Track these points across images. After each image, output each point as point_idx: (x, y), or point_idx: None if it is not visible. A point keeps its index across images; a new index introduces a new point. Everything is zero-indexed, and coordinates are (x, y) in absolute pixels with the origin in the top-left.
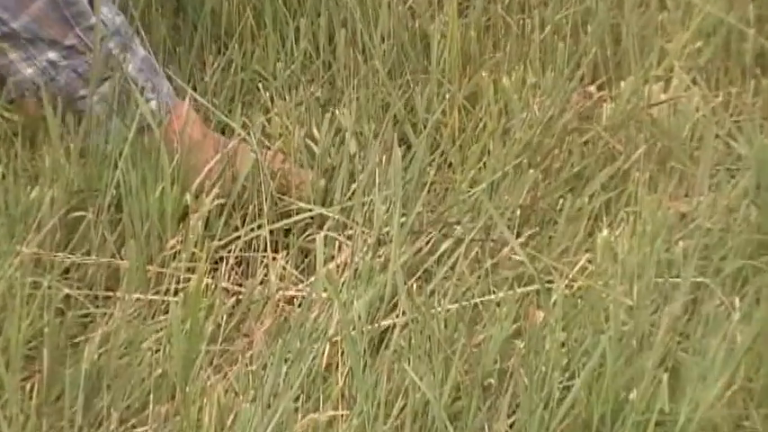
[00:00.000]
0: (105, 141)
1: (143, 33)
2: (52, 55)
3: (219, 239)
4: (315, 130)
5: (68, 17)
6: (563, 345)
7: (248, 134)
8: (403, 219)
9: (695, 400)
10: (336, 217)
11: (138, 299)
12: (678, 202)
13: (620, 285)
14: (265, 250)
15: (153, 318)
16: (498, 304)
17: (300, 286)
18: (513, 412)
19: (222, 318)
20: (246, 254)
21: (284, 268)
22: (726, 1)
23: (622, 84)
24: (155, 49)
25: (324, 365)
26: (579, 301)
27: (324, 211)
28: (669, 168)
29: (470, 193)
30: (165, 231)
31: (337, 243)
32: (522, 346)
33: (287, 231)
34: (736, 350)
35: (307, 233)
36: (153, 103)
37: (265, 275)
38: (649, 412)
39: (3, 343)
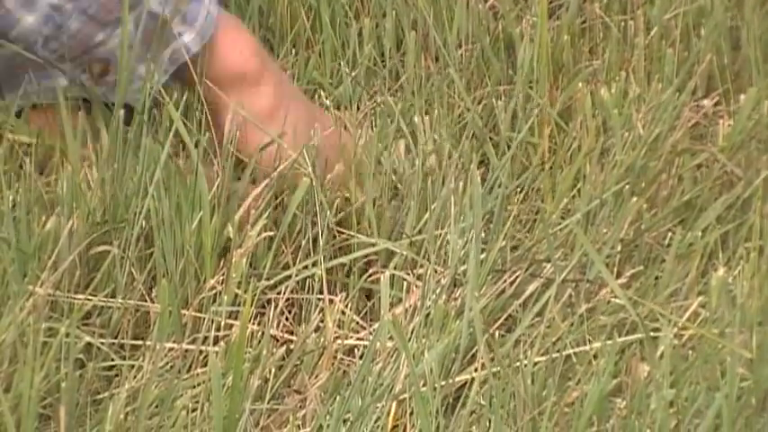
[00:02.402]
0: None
1: None
2: None
3: (267, 279)
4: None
5: None
6: (671, 404)
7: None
8: (482, 255)
9: None
10: (405, 253)
11: (171, 348)
12: None
13: (739, 334)
14: (321, 292)
15: (189, 371)
16: (595, 356)
17: (362, 334)
18: None
19: (270, 371)
20: (299, 296)
21: (343, 313)
22: None
23: (742, 97)
24: None
25: (389, 427)
26: (690, 352)
27: (390, 245)
28: None
29: (562, 226)
30: (204, 269)
31: (405, 283)
32: (622, 405)
33: (347, 270)
34: None
35: (370, 272)
36: (186, 37)
37: (321, 321)
38: None
39: (13, 400)
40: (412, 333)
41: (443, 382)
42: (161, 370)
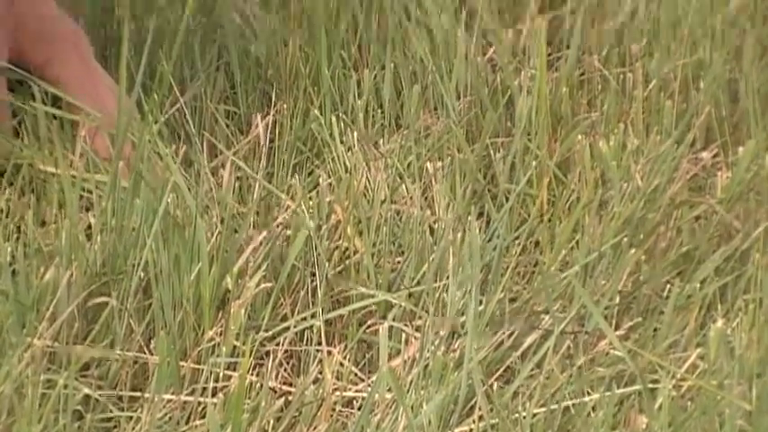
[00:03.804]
0: None
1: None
2: None
3: (266, 330)
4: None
5: None
6: None
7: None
8: (481, 307)
9: None
10: (403, 304)
11: (169, 400)
12: None
13: (738, 386)
14: (319, 343)
15: (187, 422)
16: (593, 408)
17: (360, 386)
18: None
19: (269, 423)
20: (297, 347)
21: (342, 364)
22: None
23: (740, 149)
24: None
25: None
26: (689, 404)
27: (389, 297)
28: None
29: (561, 278)
30: (202, 321)
31: (404, 335)
32: None
33: (345, 321)
34: None
35: (368, 323)
36: None
37: (319, 373)
38: None
39: None
40: (410, 384)
41: None
42: (160, 422)
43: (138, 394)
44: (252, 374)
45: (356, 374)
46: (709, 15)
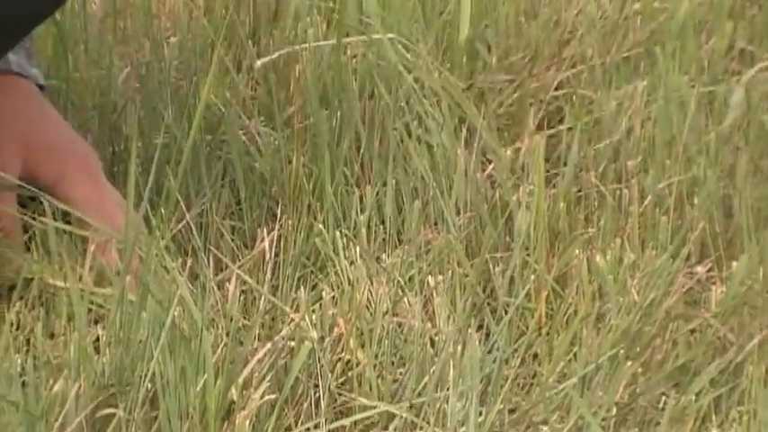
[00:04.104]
0: None
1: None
2: None
3: None
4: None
5: None
6: None
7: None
8: (481, 418)
9: None
10: (405, 415)
11: None
12: None
13: None
14: None
15: None
16: None
17: None
18: None
19: None
20: None
21: None
22: None
23: (734, 264)
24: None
25: None
26: None
27: (390, 408)
28: None
29: (559, 389)
30: None
31: None
32: None
33: (348, 431)
34: None
35: None
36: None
37: None
38: None
39: None
40: None
41: None
42: None
43: None
44: None
45: None
46: (703, 133)
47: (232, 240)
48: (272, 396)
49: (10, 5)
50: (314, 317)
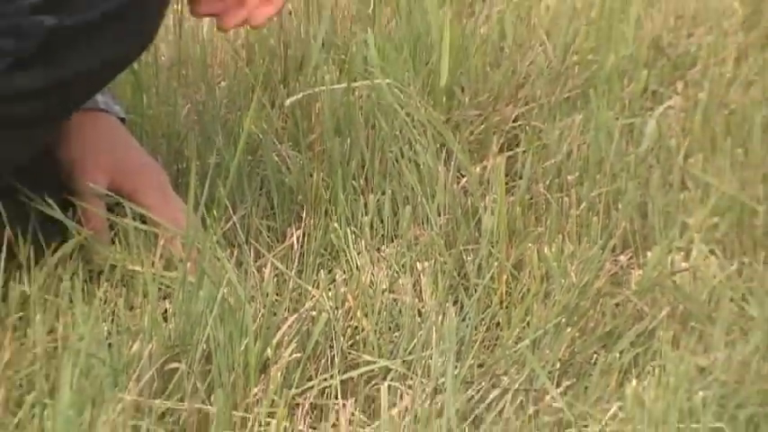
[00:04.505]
0: None
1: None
2: None
3: (296, 388)
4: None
5: None
6: None
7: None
8: (456, 371)
9: None
10: (399, 369)
11: None
12: (698, 357)
13: (648, 431)
14: (336, 397)
15: None
16: None
17: (367, 429)
18: None
19: None
20: (320, 401)
21: (353, 414)
22: (739, 182)
23: (649, 254)
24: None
25: None
26: None
27: (388, 363)
28: (690, 328)
29: (516, 349)
30: (249, 381)
31: (399, 392)
32: None
33: (356, 381)
34: None
35: (373, 383)
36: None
37: (336, 420)
38: None
39: None
40: (404, 429)
41: None
42: None
43: None
44: (286, 421)
45: (364, 421)
46: (624, 155)
47: (267, 236)
48: (298, 355)
49: (108, 51)
50: (330, 294)
